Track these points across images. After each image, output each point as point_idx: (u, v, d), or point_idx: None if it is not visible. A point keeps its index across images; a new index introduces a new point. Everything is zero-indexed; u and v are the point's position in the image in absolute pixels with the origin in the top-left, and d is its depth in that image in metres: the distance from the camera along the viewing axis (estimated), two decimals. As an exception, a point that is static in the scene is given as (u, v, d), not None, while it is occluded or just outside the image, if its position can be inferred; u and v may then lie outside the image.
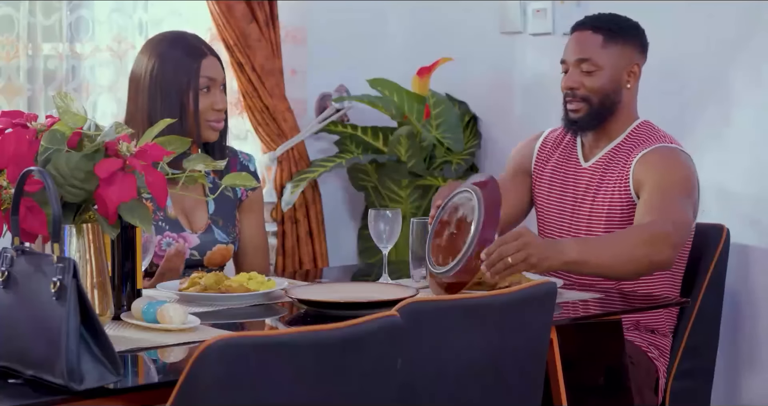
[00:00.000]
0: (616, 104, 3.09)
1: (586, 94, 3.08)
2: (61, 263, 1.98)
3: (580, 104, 3.09)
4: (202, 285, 2.67)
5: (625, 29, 3.11)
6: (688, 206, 2.95)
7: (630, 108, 3.13)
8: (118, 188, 2.16)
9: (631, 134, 3.11)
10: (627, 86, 3.10)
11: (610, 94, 3.08)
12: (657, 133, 3.11)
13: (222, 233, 3.08)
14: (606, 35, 3.08)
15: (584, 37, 3.09)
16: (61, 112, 2.23)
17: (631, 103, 3.13)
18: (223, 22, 4.14)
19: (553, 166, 3.20)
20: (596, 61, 3.07)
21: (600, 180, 3.08)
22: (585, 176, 3.12)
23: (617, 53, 3.08)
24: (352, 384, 2.02)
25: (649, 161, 3.01)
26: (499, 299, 2.31)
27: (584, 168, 3.13)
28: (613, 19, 3.12)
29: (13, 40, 3.83)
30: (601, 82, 3.07)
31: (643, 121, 3.14)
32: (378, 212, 2.93)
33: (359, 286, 2.84)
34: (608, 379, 2.91)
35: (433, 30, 4.55)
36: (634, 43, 3.11)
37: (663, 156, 3.02)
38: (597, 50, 3.07)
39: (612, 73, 3.08)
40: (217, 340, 1.88)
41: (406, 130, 4.22)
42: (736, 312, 3.57)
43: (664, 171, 2.98)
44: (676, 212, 2.88)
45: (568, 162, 3.18)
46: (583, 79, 3.08)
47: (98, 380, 1.96)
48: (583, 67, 3.08)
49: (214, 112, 3.04)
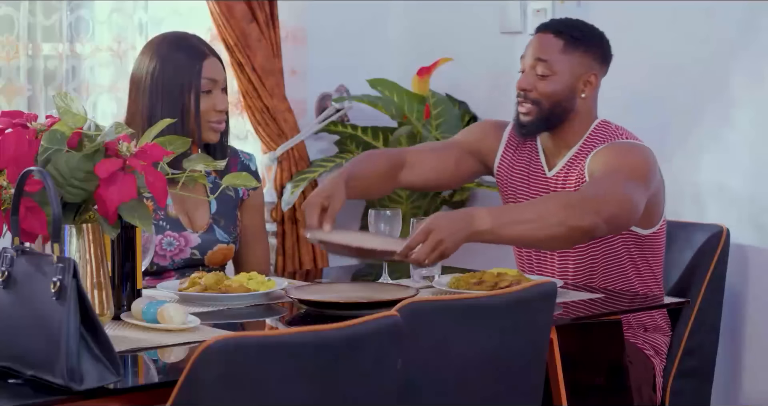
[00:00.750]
0: (567, 112, 3.03)
1: (537, 97, 3.02)
2: (61, 263, 1.98)
3: (531, 107, 3.04)
4: (202, 285, 2.67)
5: (588, 37, 3.05)
6: (633, 187, 2.84)
7: (587, 114, 3.07)
8: (118, 188, 2.16)
9: (588, 138, 3.06)
10: (582, 95, 3.03)
11: (562, 101, 3.02)
12: (614, 132, 3.05)
13: (223, 232, 3.08)
14: (567, 41, 3.02)
15: (546, 39, 3.04)
16: (62, 112, 2.23)
17: (587, 110, 3.06)
18: (223, 22, 4.14)
19: (520, 176, 3.15)
20: (552, 65, 3.01)
21: (563, 188, 3.05)
22: (550, 185, 3.09)
23: (576, 60, 3.02)
24: (352, 384, 2.02)
25: (599, 155, 2.97)
26: (499, 299, 2.32)
27: (549, 177, 3.09)
28: (578, 26, 3.06)
29: (13, 40, 3.83)
30: (554, 88, 3.01)
31: (600, 121, 3.08)
32: (378, 212, 2.93)
33: (359, 286, 2.84)
34: (608, 379, 2.91)
35: (433, 30, 4.56)
36: (594, 52, 3.05)
37: (614, 148, 2.98)
38: (556, 54, 3.02)
39: (567, 79, 3.02)
40: (217, 340, 1.88)
41: (406, 131, 4.22)
42: (736, 312, 3.57)
43: (614, 159, 2.93)
44: (612, 186, 2.81)
45: (534, 172, 3.13)
46: (536, 82, 3.02)
47: (98, 380, 1.97)
48: (538, 70, 3.02)
49: (216, 113, 3.04)
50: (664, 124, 3.78)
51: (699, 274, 3.30)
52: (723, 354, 3.48)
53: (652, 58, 3.82)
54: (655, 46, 3.81)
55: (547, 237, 2.68)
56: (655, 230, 3.05)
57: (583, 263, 3.05)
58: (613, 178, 2.84)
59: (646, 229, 3.03)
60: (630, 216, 2.82)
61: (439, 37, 4.52)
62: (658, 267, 3.11)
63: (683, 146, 3.72)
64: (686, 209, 3.68)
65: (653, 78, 3.82)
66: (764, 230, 3.53)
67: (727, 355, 3.56)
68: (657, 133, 3.77)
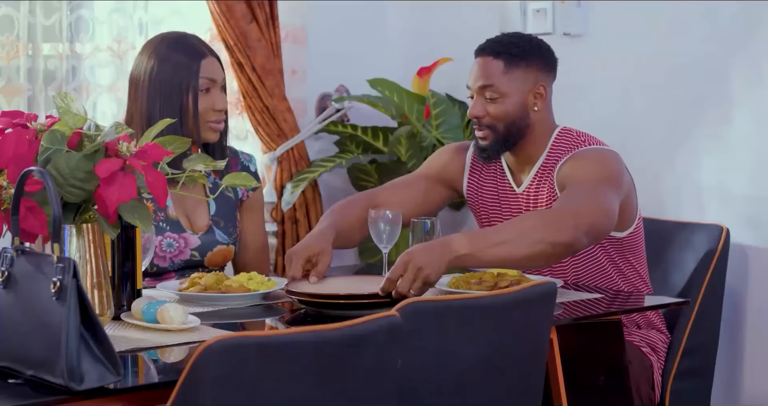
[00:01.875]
0: (524, 128, 3.02)
1: (491, 121, 3.01)
2: (61, 263, 1.98)
3: (487, 132, 3.02)
4: (202, 285, 2.68)
5: (527, 51, 3.02)
6: (608, 193, 2.84)
7: (544, 125, 3.05)
8: (118, 188, 2.16)
9: (552, 148, 3.04)
10: (534, 108, 3.02)
11: (516, 120, 3.00)
12: (577, 139, 3.03)
13: (223, 233, 3.08)
14: (507, 60, 3.00)
15: (486, 63, 3.02)
16: (62, 112, 2.23)
17: (543, 120, 3.04)
18: (223, 22, 4.14)
19: (490, 195, 3.14)
20: (498, 88, 2.99)
21: (534, 202, 3.04)
22: (521, 202, 3.08)
23: (520, 78, 3.00)
24: (352, 384, 2.02)
25: (567, 166, 2.96)
26: (499, 299, 2.32)
27: (519, 193, 3.08)
28: (514, 42, 3.03)
29: (14, 40, 3.83)
30: (506, 109, 3.00)
31: (561, 129, 3.06)
32: (378, 211, 2.93)
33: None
34: (608, 379, 2.91)
35: (433, 30, 4.55)
36: (537, 63, 3.02)
37: (581, 158, 2.96)
38: (498, 76, 3.00)
39: (516, 98, 3.00)
40: (217, 340, 1.88)
41: (406, 131, 4.22)
42: (736, 312, 3.57)
43: (583, 170, 2.92)
44: (586, 196, 2.80)
45: (502, 190, 3.12)
46: (487, 107, 3.01)
47: (98, 380, 1.97)
48: (486, 95, 3.01)
49: (215, 113, 3.04)
50: (664, 125, 3.78)
51: (699, 274, 3.30)
52: (723, 354, 3.48)
53: (651, 58, 3.82)
54: (655, 45, 3.81)
55: (529, 256, 2.66)
56: (631, 231, 3.04)
57: (565, 275, 3.04)
58: (584, 189, 2.83)
59: (622, 231, 3.02)
60: (608, 223, 2.80)
61: (439, 37, 4.52)
62: (641, 266, 3.10)
63: (683, 146, 3.72)
64: (686, 209, 3.68)
65: (653, 78, 3.82)
66: (764, 230, 3.53)
67: (727, 355, 3.56)
68: (657, 133, 3.77)
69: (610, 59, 3.89)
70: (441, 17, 4.52)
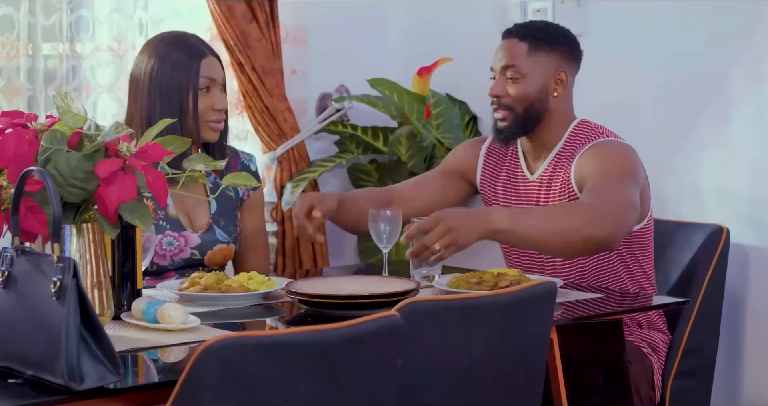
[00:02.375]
0: (542, 113, 3.06)
1: (510, 102, 3.06)
2: (61, 262, 1.98)
3: (506, 113, 3.07)
4: (202, 285, 2.68)
5: (553, 37, 3.08)
6: (632, 188, 2.89)
7: (563, 114, 3.09)
8: (118, 188, 2.16)
9: (569, 138, 3.08)
10: (554, 94, 3.06)
11: (534, 103, 3.05)
12: (595, 131, 3.07)
13: (223, 232, 3.08)
14: (531, 43, 3.06)
15: (511, 44, 3.09)
16: (62, 112, 2.23)
17: (563, 109, 3.09)
18: (223, 22, 4.14)
19: (504, 185, 3.18)
20: (520, 69, 3.05)
21: (547, 190, 3.07)
22: (533, 189, 3.10)
23: (542, 61, 3.06)
24: (352, 384, 2.02)
25: (587, 157, 3.00)
26: (499, 299, 2.32)
27: (531, 181, 3.11)
28: (541, 28, 3.10)
29: (14, 40, 3.83)
30: (525, 90, 3.05)
31: (579, 120, 3.11)
32: (378, 211, 2.93)
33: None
34: (608, 379, 2.91)
35: (433, 30, 4.56)
36: (561, 50, 3.08)
37: (600, 149, 3.00)
38: (522, 57, 3.05)
39: (537, 80, 3.05)
40: (218, 340, 1.88)
41: (407, 130, 4.22)
42: (736, 312, 3.57)
43: (604, 162, 2.96)
44: (618, 193, 2.84)
45: (516, 177, 3.16)
46: (507, 88, 3.06)
47: (98, 380, 1.97)
48: (508, 75, 3.06)
49: (214, 113, 3.04)
50: (665, 124, 3.78)
51: (699, 273, 3.30)
52: (723, 354, 3.48)
53: (651, 58, 3.82)
54: (655, 45, 3.81)
55: (564, 245, 2.72)
56: (642, 226, 3.06)
57: (572, 265, 3.05)
58: (611, 184, 2.87)
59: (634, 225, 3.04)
60: (634, 218, 2.86)
61: (439, 37, 4.52)
62: (648, 264, 3.11)
63: (683, 146, 3.72)
64: (686, 209, 3.68)
65: (653, 78, 3.82)
66: (764, 230, 3.53)
67: (728, 354, 3.57)
68: (657, 132, 3.77)
69: (610, 59, 3.89)
70: (441, 17, 4.52)
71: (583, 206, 2.80)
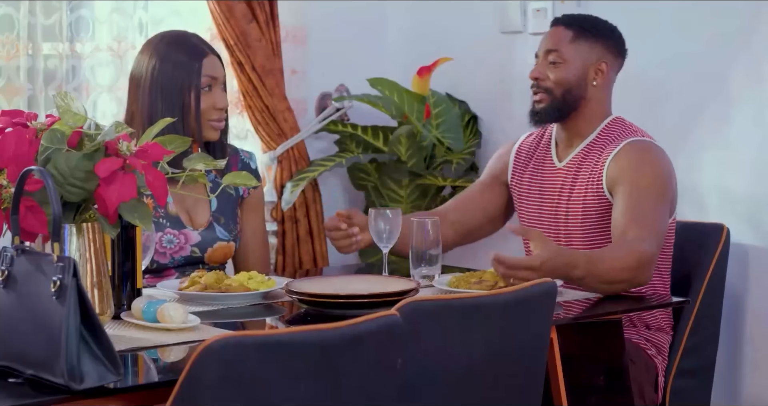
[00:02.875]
0: (579, 100, 3.11)
1: (549, 85, 3.12)
2: (61, 262, 1.98)
3: (544, 95, 3.13)
4: (202, 284, 2.67)
5: (598, 28, 3.15)
6: (664, 210, 2.98)
7: (600, 105, 3.15)
8: (118, 188, 2.16)
9: (603, 131, 3.13)
10: (593, 83, 3.12)
11: (573, 89, 3.11)
12: (629, 129, 3.13)
13: (223, 230, 3.08)
14: (576, 31, 3.13)
15: (556, 31, 3.16)
16: (62, 111, 2.23)
17: (600, 100, 3.15)
18: (223, 22, 4.14)
19: (531, 172, 3.23)
20: (562, 54, 3.11)
21: (573, 179, 3.11)
22: (560, 176, 3.15)
23: (585, 49, 3.12)
24: (352, 384, 2.02)
25: (622, 159, 3.03)
26: (499, 299, 2.31)
27: (559, 168, 3.16)
28: (588, 19, 3.18)
29: (14, 39, 3.83)
30: (565, 75, 3.11)
31: (615, 117, 3.16)
32: (378, 211, 2.93)
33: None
34: (608, 378, 2.91)
35: (433, 30, 4.55)
36: (605, 41, 3.14)
37: (636, 153, 3.04)
38: (565, 43, 3.12)
39: (577, 67, 3.11)
40: (218, 339, 1.88)
41: (406, 130, 4.22)
42: (736, 311, 3.57)
43: (639, 170, 3.00)
44: (655, 224, 2.92)
45: (543, 164, 3.21)
46: (548, 71, 3.13)
47: (98, 380, 1.97)
48: (550, 58, 3.13)
49: (216, 111, 3.04)
50: (665, 123, 3.78)
51: (699, 273, 3.30)
52: (723, 353, 3.47)
53: (651, 58, 3.82)
54: (655, 45, 3.81)
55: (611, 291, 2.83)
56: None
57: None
58: (647, 209, 2.93)
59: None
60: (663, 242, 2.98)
61: (439, 37, 4.51)
62: (665, 267, 3.12)
63: (684, 145, 3.72)
64: (687, 208, 3.68)
65: (653, 77, 3.82)
66: (764, 229, 3.53)
67: (727, 354, 3.56)
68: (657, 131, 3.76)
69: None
70: (441, 17, 4.52)
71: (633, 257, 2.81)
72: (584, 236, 3.07)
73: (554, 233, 3.12)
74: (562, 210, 3.11)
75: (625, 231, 2.89)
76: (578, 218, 3.08)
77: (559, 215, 3.12)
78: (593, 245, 3.05)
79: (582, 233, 3.07)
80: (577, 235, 3.08)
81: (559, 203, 3.12)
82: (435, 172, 4.28)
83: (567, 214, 3.10)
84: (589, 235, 3.06)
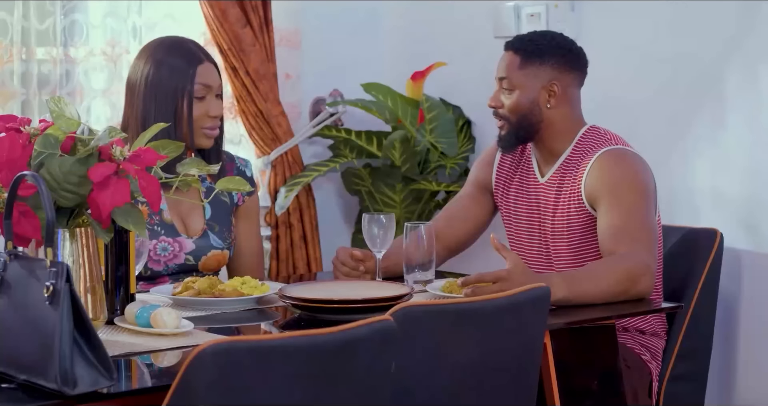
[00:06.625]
0: (538, 124, 3.09)
1: (505, 113, 3.12)
2: (54, 267, 1.98)
3: (502, 123, 3.13)
4: (195, 289, 2.67)
5: (544, 49, 3.10)
6: (650, 214, 2.96)
7: (565, 122, 3.11)
8: (112, 193, 2.15)
9: (578, 144, 3.10)
10: (547, 106, 3.09)
11: (527, 114, 3.09)
12: (603, 137, 3.10)
13: (218, 238, 3.08)
14: (523, 56, 3.10)
15: (507, 57, 3.14)
16: (55, 116, 2.23)
17: (564, 117, 3.11)
18: (216, 26, 4.14)
19: (516, 188, 3.21)
20: (512, 81, 3.10)
21: (556, 194, 3.09)
22: (542, 192, 3.13)
23: (533, 73, 3.09)
24: (346, 388, 2.02)
25: (597, 170, 3.01)
26: (492, 304, 2.32)
27: (541, 183, 3.14)
28: (534, 40, 3.12)
29: (7, 44, 3.82)
30: (517, 102, 3.09)
31: (589, 127, 3.13)
32: (372, 216, 2.93)
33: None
34: (602, 383, 2.91)
35: (427, 34, 4.56)
36: (553, 62, 3.10)
37: (610, 162, 3.02)
38: (514, 70, 3.10)
39: (528, 93, 3.09)
40: (211, 344, 1.88)
41: (400, 135, 4.22)
42: (730, 316, 3.57)
43: (615, 178, 2.98)
44: (644, 231, 2.90)
45: (528, 179, 3.19)
46: (502, 99, 3.13)
47: (91, 385, 1.96)
48: (503, 86, 3.12)
49: (209, 119, 3.04)
50: (658, 128, 3.78)
51: (693, 278, 3.30)
52: (717, 358, 3.48)
53: (645, 61, 3.82)
54: (649, 48, 3.82)
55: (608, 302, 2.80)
56: None
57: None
58: (633, 220, 2.91)
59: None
60: None
61: (432, 42, 4.52)
62: (658, 272, 3.11)
63: (677, 150, 3.72)
64: (680, 213, 3.68)
65: (646, 81, 3.82)
66: (758, 234, 3.53)
67: (721, 358, 3.56)
68: (650, 136, 3.77)
69: (603, 62, 3.89)
70: (435, 21, 4.53)
71: (623, 269, 2.80)
72: (571, 251, 3.05)
73: (544, 250, 3.12)
74: (547, 226, 3.10)
75: (613, 248, 2.88)
76: (563, 234, 3.06)
77: (546, 232, 3.11)
78: (581, 260, 3.04)
79: (569, 248, 3.06)
80: (563, 251, 3.07)
81: (544, 220, 3.11)
82: (429, 177, 4.28)
83: (553, 230, 3.08)
84: (576, 249, 3.04)
